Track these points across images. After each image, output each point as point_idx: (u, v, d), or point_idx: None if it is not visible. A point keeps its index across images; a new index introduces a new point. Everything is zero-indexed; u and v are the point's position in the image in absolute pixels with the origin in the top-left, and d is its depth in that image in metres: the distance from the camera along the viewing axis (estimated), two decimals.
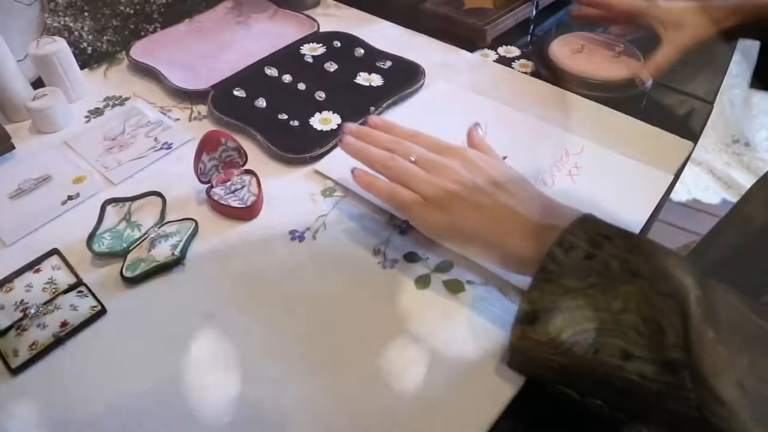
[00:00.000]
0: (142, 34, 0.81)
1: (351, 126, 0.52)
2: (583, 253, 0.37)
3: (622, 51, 0.71)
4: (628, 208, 0.54)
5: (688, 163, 0.60)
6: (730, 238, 0.64)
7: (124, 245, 0.51)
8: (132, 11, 0.80)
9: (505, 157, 0.59)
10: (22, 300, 0.48)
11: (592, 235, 0.38)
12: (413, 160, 0.47)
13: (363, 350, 0.44)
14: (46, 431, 0.40)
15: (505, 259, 0.44)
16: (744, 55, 0.90)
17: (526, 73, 0.74)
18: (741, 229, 0.62)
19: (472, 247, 0.47)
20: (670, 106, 0.69)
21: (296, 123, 0.63)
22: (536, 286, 0.38)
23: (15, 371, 0.43)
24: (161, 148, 0.63)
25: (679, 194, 1.76)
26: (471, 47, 0.78)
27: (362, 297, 0.48)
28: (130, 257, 0.51)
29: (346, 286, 0.49)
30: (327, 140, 0.61)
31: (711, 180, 1.82)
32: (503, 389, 0.41)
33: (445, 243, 0.49)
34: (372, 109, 0.65)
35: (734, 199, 1.70)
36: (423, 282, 0.48)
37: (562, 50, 0.72)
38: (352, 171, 0.49)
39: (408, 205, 0.46)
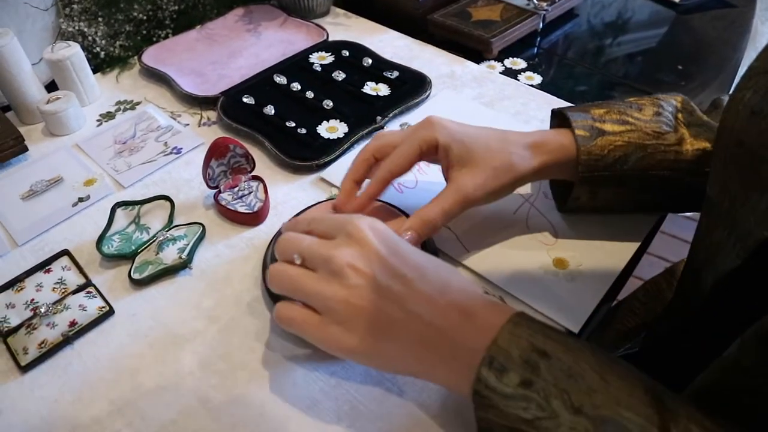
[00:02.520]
0: (154, 40, 0.82)
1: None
2: (518, 378, 0.32)
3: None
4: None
5: None
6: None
7: (133, 248, 0.52)
8: (145, 17, 0.81)
9: None
10: (33, 299, 0.49)
11: (526, 350, 0.33)
12: (297, 262, 0.38)
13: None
14: (53, 429, 0.41)
15: (434, 382, 0.39)
16: None
17: (531, 85, 0.75)
18: None
19: (389, 371, 0.40)
20: None
21: (304, 131, 0.64)
22: (479, 407, 0.34)
23: (24, 368, 0.44)
24: (171, 153, 0.64)
25: None
26: (478, 58, 0.79)
27: None
28: (138, 259, 0.52)
29: None
30: (334, 148, 0.62)
31: None
32: None
33: (356, 362, 0.41)
34: (379, 118, 0.66)
35: None
36: None
37: None
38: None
39: (298, 326, 0.38)
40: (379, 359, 0.38)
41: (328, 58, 0.77)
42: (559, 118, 0.53)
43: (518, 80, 0.75)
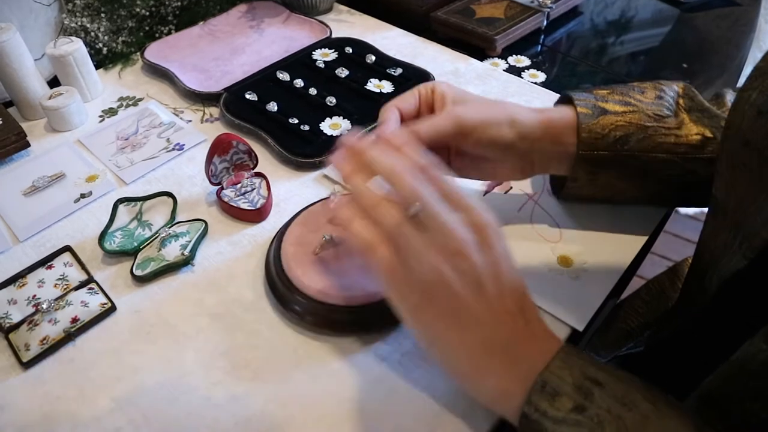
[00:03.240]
0: (157, 36, 0.82)
1: (348, 138, 0.41)
2: (571, 403, 0.32)
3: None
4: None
5: None
6: None
7: (135, 244, 0.52)
8: (147, 13, 0.81)
9: None
10: (35, 295, 0.49)
11: (579, 378, 0.33)
12: (414, 211, 0.35)
13: (366, 352, 0.45)
14: (55, 425, 0.41)
15: (476, 393, 0.38)
16: None
17: (535, 83, 0.74)
18: None
19: (438, 359, 0.38)
20: None
21: (307, 127, 0.64)
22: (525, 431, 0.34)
23: (26, 365, 0.44)
24: (173, 149, 0.64)
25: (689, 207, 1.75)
26: (481, 56, 0.79)
27: None
28: (140, 256, 0.52)
29: None
30: (337, 145, 0.61)
31: None
32: None
33: (414, 333, 0.39)
34: None
35: None
36: None
37: (298, 250, 0.48)
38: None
39: (382, 275, 0.36)
40: (438, 343, 0.37)
41: (331, 55, 0.77)
42: (563, 101, 0.53)
43: (522, 78, 0.75)
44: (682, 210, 1.73)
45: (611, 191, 0.51)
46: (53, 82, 0.71)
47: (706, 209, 0.44)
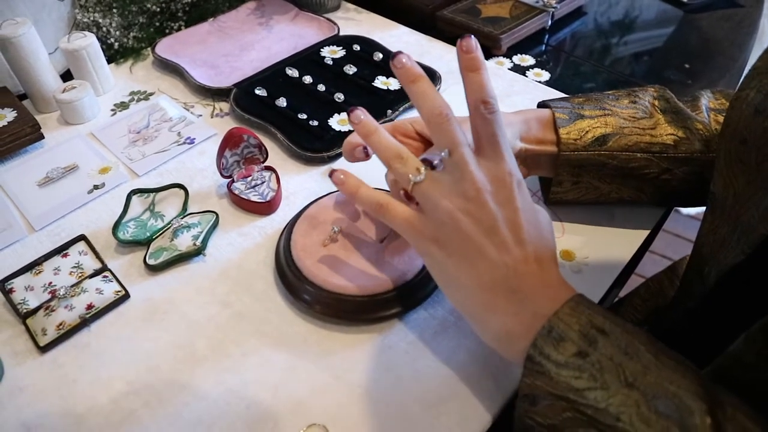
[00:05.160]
0: (167, 31, 0.83)
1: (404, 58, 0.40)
2: (575, 348, 0.33)
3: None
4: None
5: None
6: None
7: (148, 234, 0.54)
8: (158, 9, 0.82)
9: None
10: (51, 282, 0.50)
11: (585, 326, 0.34)
12: (443, 156, 0.38)
13: (373, 340, 0.46)
14: (71, 406, 0.42)
15: (483, 333, 0.39)
16: None
17: (540, 82, 0.75)
18: None
19: (451, 297, 0.40)
20: None
21: (315, 123, 0.65)
22: (528, 373, 0.35)
23: (43, 349, 0.46)
24: (184, 143, 0.65)
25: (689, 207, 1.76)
26: (486, 55, 0.80)
27: None
28: (153, 246, 0.53)
29: None
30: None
31: None
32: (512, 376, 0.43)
33: (428, 268, 0.41)
34: (389, 111, 0.67)
35: None
36: None
37: (307, 241, 0.49)
38: (331, 175, 0.42)
39: (400, 226, 0.40)
40: (452, 281, 0.39)
41: (339, 52, 0.78)
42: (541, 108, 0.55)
43: (526, 77, 0.76)
44: (683, 210, 1.75)
45: (595, 194, 0.53)
46: (66, 76, 0.72)
47: (704, 209, 0.45)
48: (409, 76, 0.40)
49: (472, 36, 0.39)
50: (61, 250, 0.53)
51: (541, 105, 0.55)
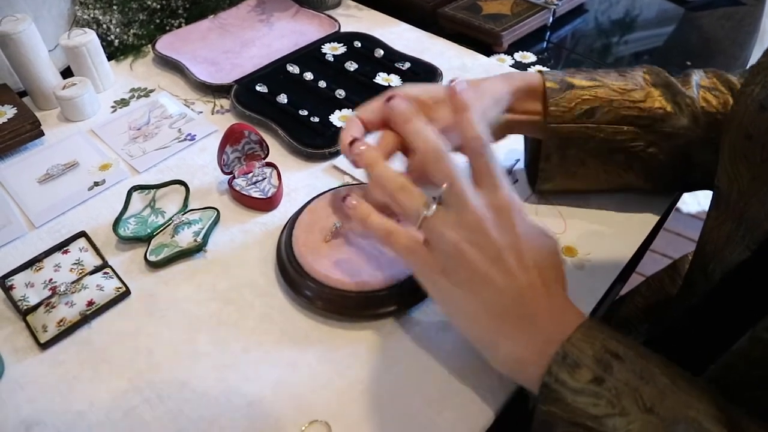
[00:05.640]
0: (167, 29, 0.83)
1: (398, 101, 0.41)
2: (590, 374, 0.33)
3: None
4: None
5: None
6: None
7: (149, 231, 0.53)
8: (158, 6, 0.82)
9: (518, 160, 0.61)
10: (51, 279, 0.50)
11: (599, 351, 0.33)
12: (442, 191, 0.37)
13: (375, 336, 0.46)
14: (72, 403, 0.42)
15: (495, 361, 0.39)
16: None
17: None
18: None
19: (461, 327, 0.40)
20: None
21: (316, 119, 0.65)
22: (544, 400, 0.34)
23: (44, 345, 0.45)
24: (185, 140, 0.65)
25: (689, 206, 1.76)
26: (488, 52, 0.80)
27: None
28: (153, 242, 0.53)
29: None
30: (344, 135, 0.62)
31: None
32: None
33: (436, 302, 0.40)
34: None
35: None
36: None
37: (309, 237, 0.49)
38: (344, 198, 0.41)
39: (406, 255, 0.39)
40: (460, 312, 0.39)
41: (340, 49, 0.78)
42: None
43: None
44: (684, 209, 1.74)
45: (583, 177, 0.53)
46: (66, 73, 0.72)
47: (706, 209, 0.45)
48: (403, 116, 0.41)
49: (459, 78, 0.41)
50: (62, 246, 0.53)
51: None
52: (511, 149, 0.61)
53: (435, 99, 0.48)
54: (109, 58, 0.76)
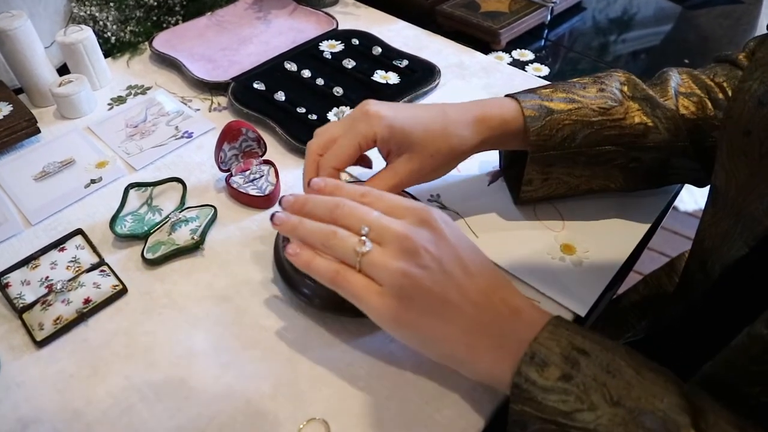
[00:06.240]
0: (164, 26, 0.83)
1: (287, 198, 0.41)
2: (558, 372, 0.34)
3: None
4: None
5: None
6: None
7: (146, 228, 0.53)
8: (155, 3, 0.81)
9: None
10: (47, 276, 0.50)
11: (566, 348, 0.34)
12: (364, 233, 0.37)
13: (374, 334, 0.46)
14: (69, 401, 0.42)
15: (474, 374, 0.39)
16: None
17: (539, 76, 0.75)
18: None
19: (433, 354, 0.39)
20: None
21: (314, 117, 0.65)
22: (516, 400, 0.35)
23: (40, 344, 0.45)
24: (182, 137, 0.65)
25: (686, 204, 1.77)
26: (486, 49, 0.80)
27: None
28: (151, 240, 0.52)
29: None
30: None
31: None
32: None
33: (402, 339, 0.39)
34: None
35: None
36: None
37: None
38: (285, 247, 0.40)
39: (358, 294, 0.37)
40: (429, 340, 0.38)
41: (338, 47, 0.77)
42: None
43: (526, 71, 0.76)
44: (681, 207, 1.75)
45: (564, 188, 0.53)
46: (63, 71, 0.71)
47: (702, 207, 0.45)
48: (295, 208, 0.41)
49: (285, 197, 0.42)
50: (58, 244, 0.52)
51: (509, 97, 0.53)
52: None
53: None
54: (106, 56, 0.76)
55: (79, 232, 0.54)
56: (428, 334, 0.37)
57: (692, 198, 1.79)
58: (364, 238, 0.37)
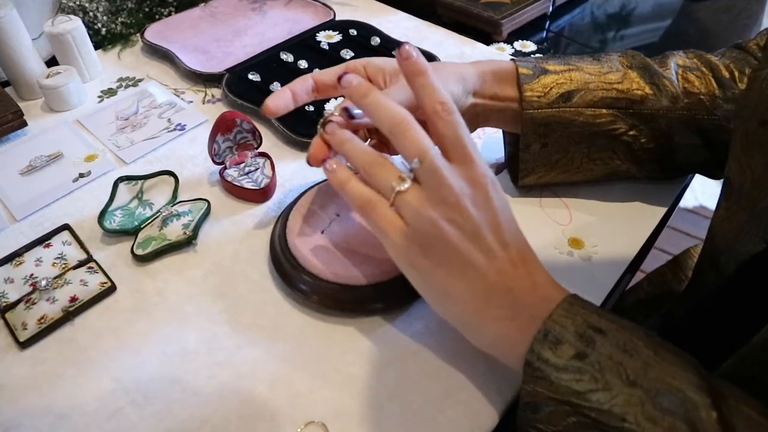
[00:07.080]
0: (156, 17, 0.80)
1: (354, 83, 0.38)
2: (572, 350, 0.32)
3: None
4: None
5: None
6: None
7: (136, 223, 0.51)
8: None
9: None
10: (32, 274, 0.47)
11: (581, 327, 0.33)
12: (414, 167, 0.35)
13: (374, 332, 0.44)
14: (54, 404, 0.40)
15: (479, 341, 0.38)
16: None
17: None
18: None
19: (440, 309, 0.38)
20: None
21: (311, 108, 0.63)
22: (528, 380, 0.34)
23: (23, 344, 0.43)
24: (174, 129, 0.63)
25: (687, 200, 1.76)
26: (487, 40, 0.78)
27: None
28: (141, 235, 0.50)
29: None
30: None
31: (718, 187, 1.82)
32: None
33: (413, 283, 0.38)
34: None
35: None
36: None
37: (304, 228, 0.47)
38: (324, 162, 0.39)
39: (383, 227, 0.37)
40: (439, 294, 0.37)
41: (335, 37, 0.75)
42: None
43: None
44: (683, 204, 1.73)
45: (566, 166, 0.51)
46: (51, 63, 0.69)
47: (704, 204, 0.43)
48: (359, 90, 0.38)
49: (409, 43, 0.38)
50: (44, 240, 0.50)
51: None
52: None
53: (396, 70, 0.46)
54: (96, 47, 0.74)
55: (65, 227, 0.51)
56: (440, 286, 0.36)
57: (692, 194, 1.77)
58: (405, 175, 0.36)
